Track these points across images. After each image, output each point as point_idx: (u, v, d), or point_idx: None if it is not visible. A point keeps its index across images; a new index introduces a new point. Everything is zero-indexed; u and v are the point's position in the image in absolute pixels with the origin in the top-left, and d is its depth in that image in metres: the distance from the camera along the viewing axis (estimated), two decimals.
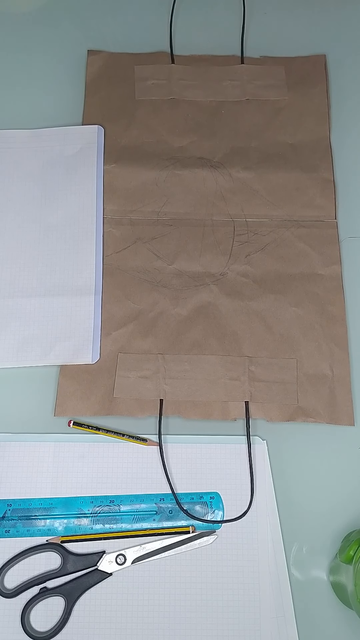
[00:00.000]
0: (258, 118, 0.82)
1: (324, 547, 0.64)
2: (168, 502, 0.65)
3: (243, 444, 0.67)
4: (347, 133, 0.81)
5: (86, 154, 0.80)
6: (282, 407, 0.68)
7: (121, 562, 0.62)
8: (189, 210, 0.77)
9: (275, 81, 0.84)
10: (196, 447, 0.67)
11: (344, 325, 0.72)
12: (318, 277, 0.74)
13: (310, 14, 0.89)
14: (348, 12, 0.89)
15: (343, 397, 0.69)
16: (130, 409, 0.68)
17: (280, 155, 0.80)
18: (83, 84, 0.84)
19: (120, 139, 0.81)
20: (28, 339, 0.71)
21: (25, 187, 0.78)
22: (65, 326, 0.71)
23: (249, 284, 0.74)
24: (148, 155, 0.80)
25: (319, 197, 0.77)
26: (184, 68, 0.85)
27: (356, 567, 0.56)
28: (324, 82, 0.84)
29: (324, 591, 0.62)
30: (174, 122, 0.82)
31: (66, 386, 0.69)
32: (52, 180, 0.78)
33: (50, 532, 0.64)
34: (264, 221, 0.76)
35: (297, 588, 0.62)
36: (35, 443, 0.67)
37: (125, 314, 0.72)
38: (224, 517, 0.64)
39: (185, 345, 0.71)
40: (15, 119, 0.82)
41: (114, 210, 0.77)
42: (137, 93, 0.83)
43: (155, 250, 0.75)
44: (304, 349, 0.70)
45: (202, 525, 0.64)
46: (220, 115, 0.82)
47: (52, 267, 0.74)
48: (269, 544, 0.63)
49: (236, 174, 0.79)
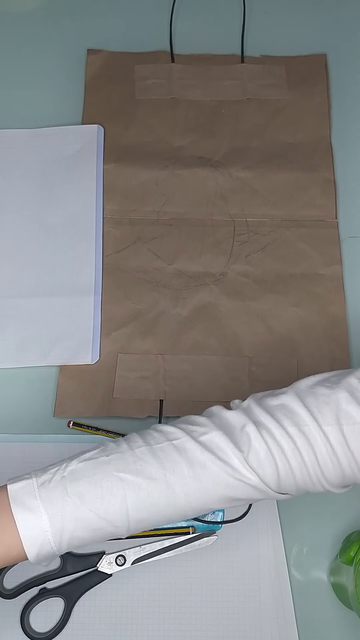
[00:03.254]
0: (258, 117, 0.82)
1: (324, 548, 0.63)
2: None
3: None
4: (347, 132, 0.81)
5: (86, 154, 0.79)
6: None
7: (121, 563, 0.62)
8: (189, 210, 0.77)
9: (275, 80, 0.83)
10: None
11: (345, 325, 0.71)
12: (318, 277, 0.74)
13: (311, 13, 0.88)
14: (348, 11, 0.89)
15: None
16: (130, 409, 0.68)
17: (281, 155, 0.79)
18: (83, 84, 0.84)
19: (120, 139, 0.81)
20: (28, 339, 0.71)
21: (25, 187, 0.78)
22: (65, 326, 0.71)
23: (249, 284, 0.73)
24: (148, 154, 0.80)
25: (319, 197, 0.77)
26: (184, 67, 0.84)
27: (357, 568, 0.55)
28: (325, 82, 0.83)
29: (325, 592, 0.62)
30: (174, 122, 0.82)
31: (66, 386, 0.69)
32: (52, 180, 0.78)
33: None
34: (264, 221, 0.76)
35: (297, 589, 0.62)
36: (35, 443, 0.67)
37: (125, 314, 0.72)
38: (224, 518, 0.64)
39: (185, 345, 0.71)
40: (15, 119, 0.82)
41: (114, 210, 0.77)
42: (137, 92, 0.83)
43: (155, 250, 0.75)
44: (304, 349, 0.70)
45: (202, 526, 0.64)
46: (220, 114, 0.82)
47: (52, 267, 0.74)
48: (269, 544, 0.63)
49: (236, 173, 0.78)
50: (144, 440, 0.49)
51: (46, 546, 0.45)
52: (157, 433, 0.49)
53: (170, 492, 0.47)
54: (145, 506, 0.47)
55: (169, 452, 0.47)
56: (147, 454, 0.47)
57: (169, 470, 0.47)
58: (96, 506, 0.46)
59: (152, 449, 0.48)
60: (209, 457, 0.47)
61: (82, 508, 0.46)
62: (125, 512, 0.46)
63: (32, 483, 0.46)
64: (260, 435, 0.47)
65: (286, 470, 0.47)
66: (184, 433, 0.49)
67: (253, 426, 0.48)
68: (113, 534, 0.48)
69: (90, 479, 0.46)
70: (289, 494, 0.50)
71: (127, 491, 0.46)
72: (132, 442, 0.49)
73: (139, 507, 0.47)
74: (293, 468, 0.47)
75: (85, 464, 0.47)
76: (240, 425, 0.48)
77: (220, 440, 0.48)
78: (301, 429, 0.47)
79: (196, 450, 0.47)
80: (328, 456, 0.47)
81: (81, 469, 0.47)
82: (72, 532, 0.46)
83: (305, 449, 0.47)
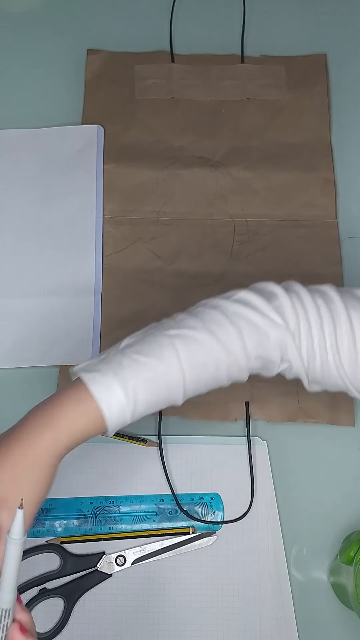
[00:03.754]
0: (258, 117, 0.82)
1: (324, 548, 0.63)
2: (168, 502, 0.65)
3: (243, 444, 0.67)
4: (347, 132, 0.81)
5: (86, 154, 0.79)
6: (283, 407, 0.68)
7: (121, 563, 0.62)
8: (189, 210, 0.77)
9: (275, 80, 0.83)
10: (196, 447, 0.67)
11: None
12: (319, 277, 0.73)
13: (311, 13, 0.88)
14: (348, 11, 0.89)
15: (343, 397, 0.67)
16: None
17: (281, 155, 0.79)
18: (83, 83, 0.84)
19: (120, 139, 0.81)
20: (28, 339, 0.71)
21: (24, 187, 0.78)
22: (65, 326, 0.71)
23: (249, 284, 0.73)
24: (148, 154, 0.80)
25: (319, 197, 0.77)
26: (184, 67, 0.84)
27: (356, 568, 0.55)
28: (325, 82, 0.83)
29: (325, 592, 0.62)
30: (174, 122, 0.82)
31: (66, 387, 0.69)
32: (52, 180, 0.78)
33: (49, 533, 0.64)
34: (264, 221, 0.76)
35: (297, 589, 0.62)
36: None
37: (125, 314, 0.72)
38: (224, 518, 0.64)
39: None
40: (15, 119, 0.82)
41: (114, 210, 0.77)
42: (137, 92, 0.83)
43: (155, 250, 0.75)
44: None
45: (202, 526, 0.64)
46: (220, 114, 0.82)
47: (52, 267, 0.74)
48: (270, 545, 0.63)
49: (236, 173, 0.78)
50: (181, 313, 0.53)
51: (122, 412, 0.48)
52: (192, 307, 0.54)
53: (212, 336, 0.50)
54: (193, 352, 0.49)
55: (204, 310, 0.52)
56: (186, 315, 0.52)
57: (207, 321, 0.51)
58: (154, 365, 0.48)
59: (189, 312, 0.53)
60: (240, 306, 0.51)
61: (142, 369, 0.48)
62: (179, 365, 0.49)
63: (95, 362, 0.50)
64: (288, 296, 0.51)
65: (306, 331, 0.50)
66: (216, 297, 0.53)
67: (283, 289, 0.52)
68: (171, 392, 0.50)
69: (142, 344, 0.50)
70: (305, 374, 0.52)
71: (175, 340, 0.49)
72: (169, 319, 0.53)
73: (190, 356, 0.49)
74: (313, 333, 0.50)
75: (134, 338, 0.51)
76: (271, 288, 0.53)
77: (250, 295, 0.52)
78: (329, 305, 0.51)
79: (228, 304, 0.52)
80: (346, 336, 0.50)
81: (132, 342, 0.51)
82: (140, 395, 0.48)
83: (327, 320, 0.50)
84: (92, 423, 0.48)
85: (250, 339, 0.50)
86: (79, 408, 0.47)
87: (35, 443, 0.47)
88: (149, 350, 0.49)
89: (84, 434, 0.48)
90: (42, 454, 0.46)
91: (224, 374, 0.51)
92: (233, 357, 0.50)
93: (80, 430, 0.48)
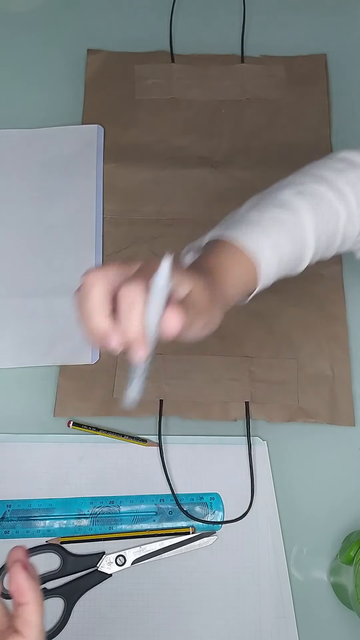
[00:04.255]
0: (258, 117, 0.82)
1: (324, 548, 0.63)
2: (168, 502, 0.65)
3: (243, 444, 0.67)
4: (347, 132, 0.81)
5: (86, 154, 0.79)
6: (283, 407, 0.68)
7: (121, 563, 0.62)
8: (189, 210, 0.77)
9: (275, 80, 0.83)
10: (196, 447, 0.67)
11: (345, 325, 0.71)
12: (318, 277, 0.73)
13: (311, 13, 0.88)
14: (348, 12, 0.89)
15: (343, 397, 0.68)
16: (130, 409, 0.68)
17: (281, 155, 0.79)
18: (83, 83, 0.84)
19: (120, 139, 0.81)
20: (28, 339, 0.71)
21: (24, 187, 0.78)
22: (65, 326, 0.71)
23: None
24: (148, 154, 0.80)
25: None
26: (184, 67, 0.84)
27: (356, 568, 0.55)
28: (325, 82, 0.83)
29: (325, 592, 0.62)
30: (174, 122, 0.82)
31: (66, 386, 0.69)
32: (52, 180, 0.78)
33: (49, 533, 0.64)
34: None
35: (297, 589, 0.62)
36: (35, 443, 0.67)
37: None
38: (224, 518, 0.64)
39: (185, 345, 0.71)
40: (15, 119, 0.82)
41: (114, 210, 0.77)
42: (137, 92, 0.83)
43: (155, 250, 0.75)
44: (304, 349, 0.70)
45: (202, 526, 0.64)
46: (220, 114, 0.82)
47: (52, 267, 0.74)
48: (270, 544, 0.63)
49: (236, 173, 0.78)
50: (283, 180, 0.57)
51: (272, 268, 0.51)
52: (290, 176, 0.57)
53: (330, 188, 0.53)
54: (317, 202, 0.52)
55: (310, 171, 0.56)
56: (294, 177, 0.56)
57: (319, 178, 0.54)
58: (287, 217, 0.51)
59: (297, 174, 0.57)
60: (345, 165, 0.55)
61: (277, 223, 0.51)
62: (309, 215, 0.51)
63: (226, 226, 0.54)
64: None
65: None
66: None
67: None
68: (303, 244, 0.52)
69: (265, 205, 0.53)
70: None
71: (295, 197, 0.52)
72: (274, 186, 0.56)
73: (314, 206, 0.52)
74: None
75: (249, 204, 0.55)
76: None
77: (353, 155, 0.56)
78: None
79: (332, 163, 0.56)
80: None
81: (249, 207, 0.54)
82: (283, 246, 0.51)
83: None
84: (249, 277, 0.50)
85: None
86: (240, 266, 0.50)
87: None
88: (274, 208, 0.52)
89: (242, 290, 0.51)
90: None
91: (341, 230, 0.54)
92: (350, 212, 0.53)
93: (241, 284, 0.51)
